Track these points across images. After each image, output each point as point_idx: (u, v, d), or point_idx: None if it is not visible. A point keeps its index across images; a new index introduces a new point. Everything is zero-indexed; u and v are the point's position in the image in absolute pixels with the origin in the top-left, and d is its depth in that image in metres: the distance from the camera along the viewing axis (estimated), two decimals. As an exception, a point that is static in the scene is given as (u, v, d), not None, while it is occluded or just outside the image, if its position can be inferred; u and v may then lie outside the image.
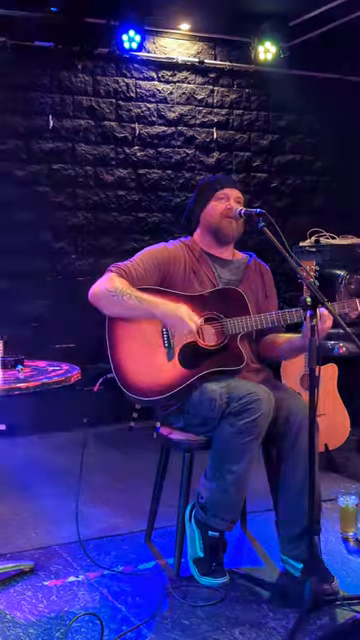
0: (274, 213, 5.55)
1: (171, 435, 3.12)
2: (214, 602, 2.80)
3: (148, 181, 5.94)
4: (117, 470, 4.52)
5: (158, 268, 3.10)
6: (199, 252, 3.19)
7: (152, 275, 3.09)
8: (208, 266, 3.17)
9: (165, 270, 3.11)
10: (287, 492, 2.95)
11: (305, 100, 6.45)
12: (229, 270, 3.21)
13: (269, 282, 3.32)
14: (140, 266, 3.09)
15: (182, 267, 3.13)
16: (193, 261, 3.16)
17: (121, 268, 3.07)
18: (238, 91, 6.25)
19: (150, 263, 3.10)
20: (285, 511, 2.98)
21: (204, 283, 3.12)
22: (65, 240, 5.68)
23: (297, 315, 2.98)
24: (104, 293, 2.98)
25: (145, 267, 3.09)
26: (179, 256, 3.15)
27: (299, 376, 4.41)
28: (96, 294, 3.02)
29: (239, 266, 3.25)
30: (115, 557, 3.24)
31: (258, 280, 3.27)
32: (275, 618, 2.68)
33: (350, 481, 4.18)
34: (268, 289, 3.30)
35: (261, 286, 3.27)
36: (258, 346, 3.21)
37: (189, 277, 3.12)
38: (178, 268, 3.13)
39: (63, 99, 5.62)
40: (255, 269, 3.28)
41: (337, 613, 2.70)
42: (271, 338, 3.19)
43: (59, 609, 2.77)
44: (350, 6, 5.48)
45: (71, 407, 5.15)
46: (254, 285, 3.24)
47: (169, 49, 5.95)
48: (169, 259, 3.13)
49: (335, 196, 6.61)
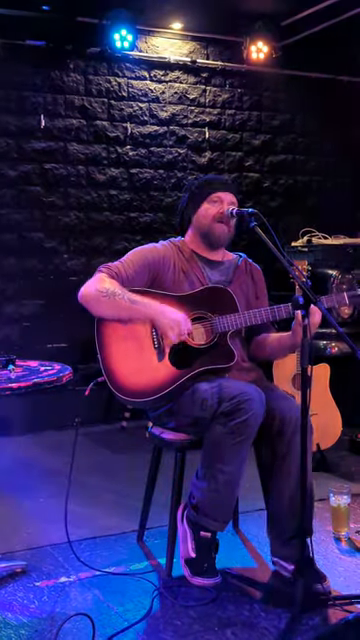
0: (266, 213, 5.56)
1: (163, 435, 3.11)
2: (206, 602, 2.79)
3: (140, 181, 5.93)
4: (109, 470, 4.52)
5: (148, 268, 3.10)
6: (189, 253, 3.19)
7: (142, 276, 3.08)
8: (198, 267, 3.16)
9: (155, 271, 3.10)
10: (280, 494, 2.95)
11: (297, 100, 6.46)
12: (219, 271, 3.20)
13: (260, 282, 3.31)
14: (130, 267, 3.08)
15: (171, 268, 3.12)
16: (183, 262, 3.15)
17: (111, 269, 3.06)
18: (230, 91, 6.25)
19: (140, 264, 3.09)
20: (278, 513, 2.97)
21: (194, 284, 3.12)
22: (57, 240, 5.66)
23: (286, 311, 2.97)
24: (94, 294, 2.97)
25: (135, 268, 3.08)
26: (169, 257, 3.14)
27: (291, 376, 4.41)
28: (86, 295, 3.01)
29: (229, 267, 3.24)
30: (107, 557, 3.23)
31: (248, 281, 3.26)
32: (267, 618, 2.67)
33: (342, 481, 4.18)
34: (259, 289, 3.29)
35: (251, 287, 3.27)
36: (249, 346, 3.21)
37: (179, 278, 3.11)
38: (168, 269, 3.12)
39: (55, 98, 5.61)
40: (245, 270, 3.28)
41: (329, 613, 2.70)
42: (261, 337, 3.18)
43: (51, 610, 2.76)
44: (342, 6, 5.48)
45: (63, 407, 5.14)
46: (244, 286, 3.23)
47: (161, 48, 5.95)
48: (159, 260, 3.12)
49: (327, 196, 6.61)
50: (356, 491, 3.92)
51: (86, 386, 3.18)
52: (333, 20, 5.73)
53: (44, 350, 5.48)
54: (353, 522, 3.53)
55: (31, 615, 2.72)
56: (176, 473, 3.07)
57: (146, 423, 3.26)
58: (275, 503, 2.99)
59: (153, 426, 3.21)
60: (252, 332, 3.18)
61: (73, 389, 4.96)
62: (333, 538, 3.40)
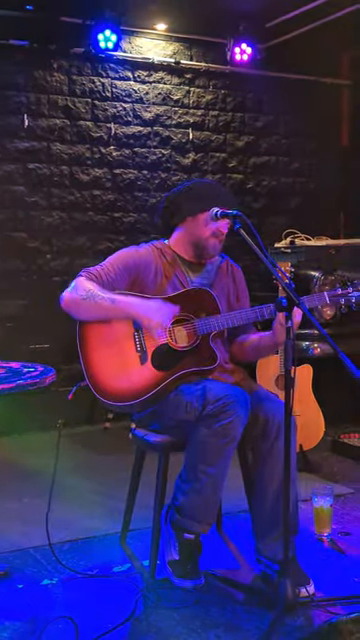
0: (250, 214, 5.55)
1: (146, 437, 3.11)
2: (189, 604, 2.79)
3: (124, 181, 5.92)
4: (92, 471, 4.50)
5: (129, 272, 3.08)
6: (172, 256, 3.16)
7: (123, 279, 3.07)
8: (180, 271, 3.15)
9: (136, 274, 3.09)
10: (264, 494, 2.95)
11: (281, 101, 6.47)
12: (201, 274, 3.19)
13: (241, 284, 3.30)
14: (111, 270, 3.06)
15: (153, 271, 3.11)
16: (165, 266, 3.13)
17: (91, 273, 3.04)
18: (214, 92, 6.25)
19: (121, 267, 3.08)
20: (262, 513, 2.98)
21: (176, 287, 3.10)
22: (40, 240, 5.64)
23: (268, 312, 2.97)
24: (75, 298, 2.96)
25: (116, 271, 3.06)
26: (150, 260, 3.12)
27: (274, 377, 4.42)
28: (68, 300, 2.99)
29: (211, 269, 3.22)
30: (90, 559, 3.23)
31: (230, 282, 3.26)
32: (250, 620, 2.68)
33: (325, 481, 4.19)
34: (240, 291, 3.29)
35: (232, 288, 3.26)
36: (230, 348, 3.20)
37: (161, 281, 3.10)
38: (149, 272, 3.10)
39: (38, 98, 5.59)
40: (227, 271, 3.27)
41: (312, 614, 2.70)
42: (242, 339, 3.18)
43: (33, 613, 2.75)
44: (325, 9, 5.50)
45: (45, 408, 5.12)
46: (226, 287, 3.23)
47: (145, 49, 5.94)
48: (140, 263, 3.10)
49: (310, 198, 6.63)
50: (338, 492, 3.94)
51: (69, 387, 3.17)
52: (316, 22, 5.75)
53: (27, 351, 5.46)
54: (336, 523, 3.55)
55: (14, 618, 2.70)
56: (159, 475, 3.06)
57: (129, 424, 3.26)
58: (259, 504, 2.99)
59: (136, 428, 3.20)
60: (233, 333, 3.17)
61: (56, 390, 4.94)
62: (316, 539, 3.41)
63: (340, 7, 5.51)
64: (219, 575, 3.04)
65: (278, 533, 2.89)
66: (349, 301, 2.95)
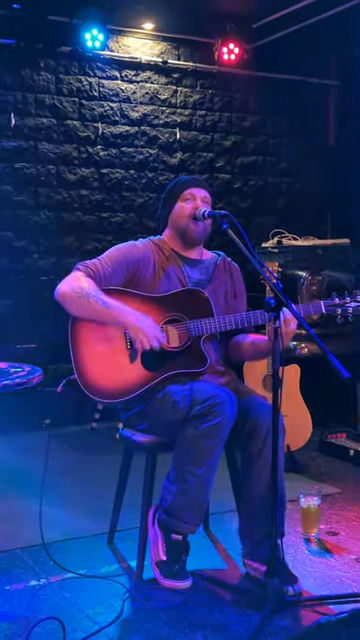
0: (237, 214, 5.58)
1: (134, 437, 3.10)
2: (177, 605, 2.79)
3: (111, 181, 5.91)
4: (79, 471, 4.49)
5: (127, 267, 3.08)
6: (169, 251, 3.18)
7: (120, 274, 3.07)
8: (177, 265, 3.15)
9: (134, 269, 3.09)
10: (252, 495, 2.95)
11: (268, 101, 6.48)
12: (198, 270, 3.20)
13: (239, 282, 3.30)
14: (108, 265, 3.06)
15: (151, 266, 3.11)
16: (163, 260, 3.14)
17: (89, 267, 3.04)
18: (201, 92, 6.25)
19: (118, 262, 3.08)
20: (249, 514, 2.98)
21: (173, 282, 3.11)
22: (27, 239, 5.63)
23: (262, 317, 2.97)
24: (70, 293, 2.95)
25: (113, 266, 3.06)
26: (148, 255, 3.13)
27: (262, 377, 4.42)
28: (62, 293, 2.99)
29: (208, 266, 3.23)
30: (77, 560, 3.21)
31: (227, 280, 3.26)
32: (238, 621, 2.68)
33: (312, 482, 4.20)
34: (237, 289, 3.29)
35: (230, 286, 3.26)
36: (225, 348, 3.20)
37: (158, 276, 3.10)
38: (147, 267, 3.11)
39: (25, 97, 5.57)
40: (224, 269, 3.27)
41: (300, 614, 2.71)
42: (237, 340, 3.18)
43: (21, 613, 2.74)
44: (312, 9, 5.52)
45: (32, 408, 5.10)
46: (223, 285, 3.23)
47: (132, 48, 5.93)
48: (138, 258, 3.11)
49: (297, 197, 6.65)
50: (326, 492, 3.94)
51: (56, 387, 3.16)
52: (304, 23, 5.76)
53: (13, 351, 5.44)
54: (323, 523, 3.55)
55: (1, 619, 2.69)
56: (147, 475, 3.06)
57: (117, 424, 3.25)
58: (247, 504, 3.00)
59: (124, 428, 3.19)
60: (229, 333, 3.17)
61: (43, 390, 4.92)
62: (303, 539, 3.42)
63: (327, 8, 5.52)
64: (207, 575, 3.04)
65: (265, 533, 2.90)
66: (346, 311, 2.92)
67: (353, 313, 2.90)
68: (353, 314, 2.90)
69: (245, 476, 2.98)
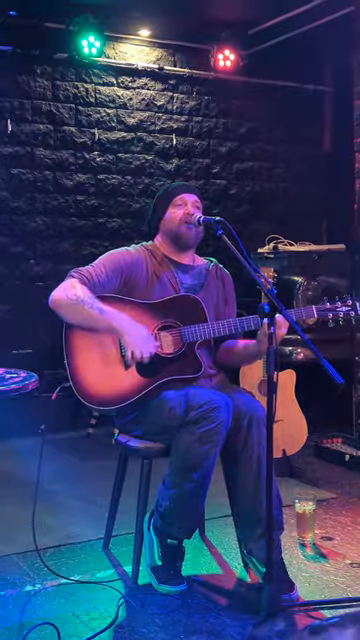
0: (233, 220, 5.58)
1: (129, 442, 3.10)
2: (172, 610, 2.79)
3: (107, 186, 5.93)
4: (75, 477, 4.49)
5: (120, 273, 3.09)
6: (161, 257, 3.19)
7: (114, 280, 3.08)
8: (170, 271, 3.17)
9: (127, 275, 3.10)
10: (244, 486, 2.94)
11: (264, 108, 6.50)
12: (191, 275, 3.22)
13: (229, 289, 3.33)
14: (102, 271, 3.07)
15: (144, 272, 3.13)
16: (155, 266, 3.16)
17: (83, 274, 3.05)
18: (197, 98, 6.27)
19: (112, 268, 3.09)
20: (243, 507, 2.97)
21: (166, 288, 3.12)
22: (23, 245, 5.63)
23: (255, 323, 2.99)
24: (65, 300, 2.96)
25: (107, 272, 3.07)
26: (141, 261, 3.15)
27: (257, 382, 4.43)
28: (56, 300, 2.99)
29: (200, 271, 3.25)
30: (72, 565, 3.22)
31: (219, 286, 3.28)
32: (233, 625, 2.68)
33: (307, 486, 4.21)
34: (228, 295, 3.31)
35: (222, 292, 3.28)
36: (215, 352, 3.22)
37: (151, 282, 3.12)
38: (140, 273, 3.12)
39: (22, 103, 5.58)
40: (216, 275, 3.29)
41: (294, 619, 2.71)
42: (228, 345, 3.20)
43: (16, 619, 2.74)
44: (308, 16, 5.54)
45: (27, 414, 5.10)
46: (215, 291, 3.25)
47: (129, 55, 5.95)
48: (131, 263, 3.12)
49: (293, 203, 6.66)
50: (321, 497, 3.95)
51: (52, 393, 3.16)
52: (299, 29, 5.79)
53: (9, 356, 5.43)
54: (318, 528, 3.56)
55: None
56: (142, 481, 3.07)
57: (112, 430, 3.26)
58: (240, 497, 2.97)
59: (119, 433, 3.20)
60: (219, 339, 3.18)
61: (39, 396, 4.93)
62: (298, 544, 3.43)
63: (322, 15, 5.54)
64: (202, 581, 3.05)
65: (261, 530, 2.88)
66: (337, 316, 2.96)
67: (343, 317, 2.96)
68: (343, 318, 2.96)
69: (234, 468, 2.97)
